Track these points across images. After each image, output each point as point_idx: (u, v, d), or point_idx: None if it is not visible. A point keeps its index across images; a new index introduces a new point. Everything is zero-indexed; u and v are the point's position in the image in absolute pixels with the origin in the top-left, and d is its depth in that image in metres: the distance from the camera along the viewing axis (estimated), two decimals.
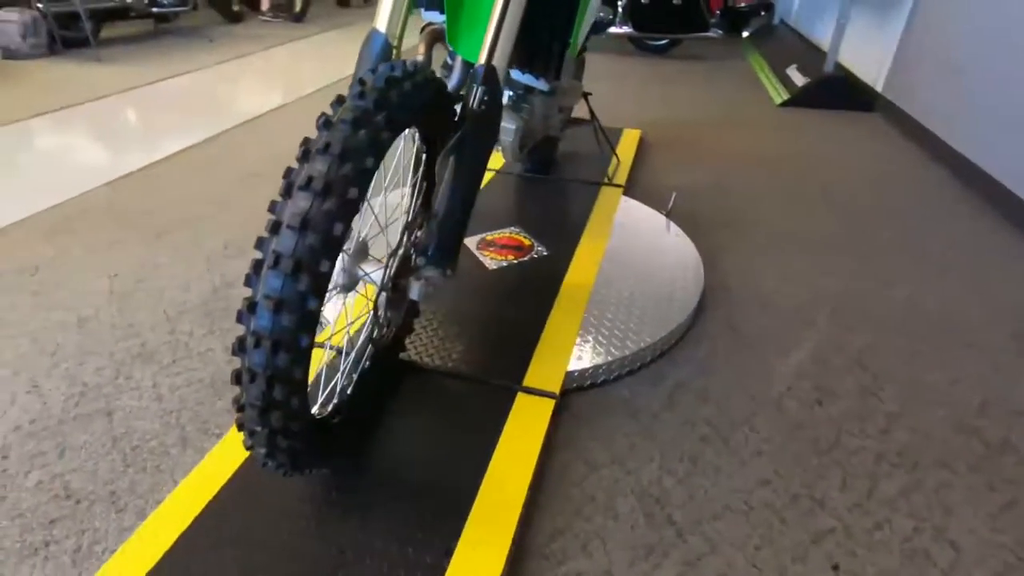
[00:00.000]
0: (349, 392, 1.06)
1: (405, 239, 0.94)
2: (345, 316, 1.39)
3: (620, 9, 4.47)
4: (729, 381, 1.36)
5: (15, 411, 1.28)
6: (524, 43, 1.24)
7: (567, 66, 1.58)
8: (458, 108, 0.94)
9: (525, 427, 1.15)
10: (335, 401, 1.02)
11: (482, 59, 0.94)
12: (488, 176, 2.23)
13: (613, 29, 4.58)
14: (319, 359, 1.21)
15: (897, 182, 2.47)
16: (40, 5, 4.35)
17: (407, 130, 0.91)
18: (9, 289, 1.70)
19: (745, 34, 5.43)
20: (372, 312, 0.89)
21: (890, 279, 1.78)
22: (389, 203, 1.07)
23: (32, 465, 1.15)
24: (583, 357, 1.32)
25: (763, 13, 5.44)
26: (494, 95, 0.92)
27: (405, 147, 1.05)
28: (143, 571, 0.87)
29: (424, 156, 0.95)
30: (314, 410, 0.96)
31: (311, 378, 1.12)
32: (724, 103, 3.52)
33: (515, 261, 1.69)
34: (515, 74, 1.30)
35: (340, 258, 0.92)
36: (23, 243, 1.94)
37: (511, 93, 1.32)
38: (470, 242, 1.78)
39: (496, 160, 2.21)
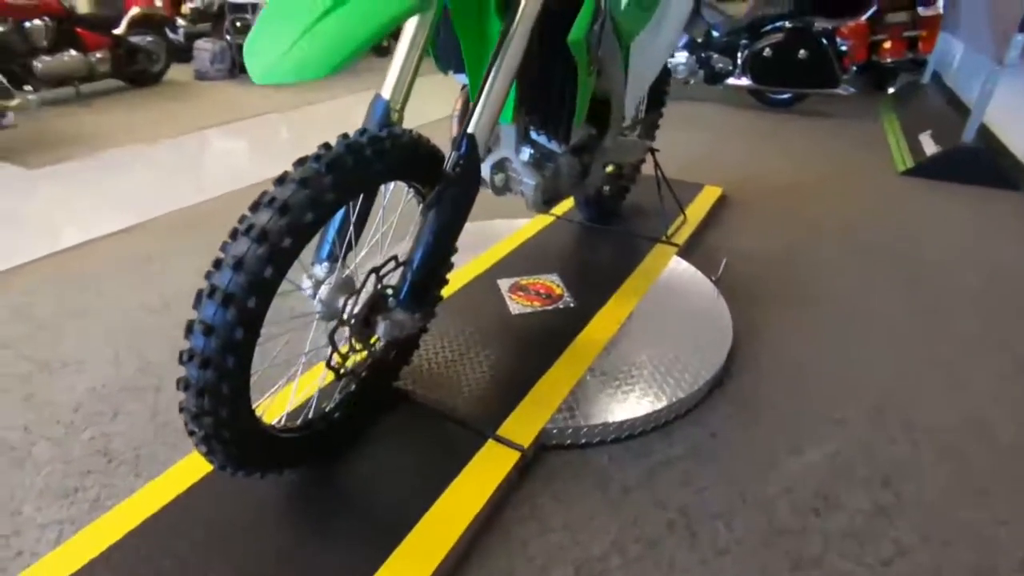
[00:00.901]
0: (328, 410, 1.17)
1: (372, 280, 1.04)
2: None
3: (739, 60, 4.34)
4: (722, 469, 1.28)
5: (97, 374, 1.56)
6: (539, 105, 1.30)
7: (613, 131, 1.61)
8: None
9: (483, 474, 1.18)
10: (309, 416, 1.14)
11: (468, 126, 1.02)
12: (547, 221, 2.29)
13: (731, 80, 4.44)
14: (313, 378, 1.32)
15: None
16: (228, 37, 5.23)
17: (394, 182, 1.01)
18: (123, 272, 2.07)
19: (890, 90, 4.97)
20: (328, 342, 0.99)
21: (962, 385, 1.55)
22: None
23: (90, 422, 1.40)
24: (569, 415, 1.32)
25: (912, 69, 4.95)
26: (470, 161, 0.99)
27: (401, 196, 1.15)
28: (82, 562, 0.99)
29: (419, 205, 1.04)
30: (277, 421, 1.08)
31: (300, 394, 1.25)
32: (836, 165, 3.26)
33: (539, 308, 1.73)
34: (533, 133, 1.36)
35: (321, 289, 1.04)
36: (158, 234, 2.35)
37: (532, 151, 1.38)
38: (504, 284, 1.85)
39: (562, 206, 2.26)
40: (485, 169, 1.46)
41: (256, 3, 5.18)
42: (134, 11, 4.60)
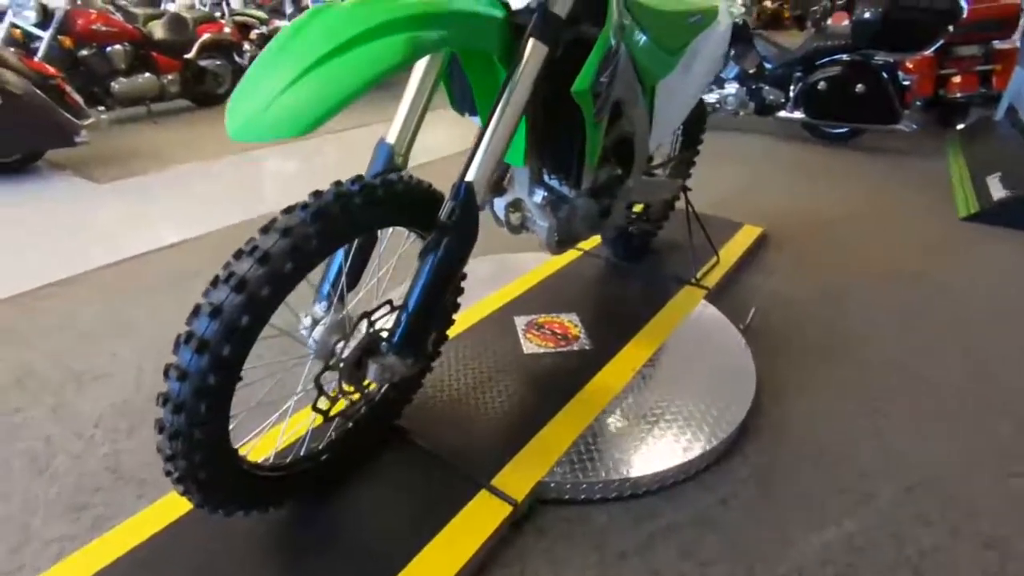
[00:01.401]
0: (317, 450, 1.16)
1: (365, 324, 1.03)
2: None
3: (792, 93, 4.19)
4: (729, 541, 1.19)
5: (122, 389, 1.62)
6: (549, 150, 1.28)
7: (637, 171, 1.57)
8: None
9: (472, 526, 1.14)
10: (300, 455, 1.14)
11: (467, 174, 1.00)
12: (572, 255, 2.26)
13: (783, 113, 4.30)
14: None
15: None
16: None
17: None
18: (170, 287, 2.16)
19: (958, 127, 4.68)
20: (315, 384, 0.98)
21: (1017, 471, 1.39)
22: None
23: (108, 438, 1.45)
24: (570, 469, 1.27)
25: (984, 104, 4.65)
26: (466, 210, 0.97)
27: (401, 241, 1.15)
28: None
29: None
30: (266, 459, 1.08)
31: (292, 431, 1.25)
32: (891, 207, 3.08)
33: (553, 350, 1.69)
34: (546, 176, 1.34)
35: (316, 329, 1.04)
36: (210, 250, 2.46)
37: (545, 193, 1.36)
38: (520, 321, 1.82)
39: (589, 240, 2.22)
40: (500, 208, 1.45)
41: None
42: (205, 37, 4.90)
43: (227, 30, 5.08)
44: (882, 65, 3.87)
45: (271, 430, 1.26)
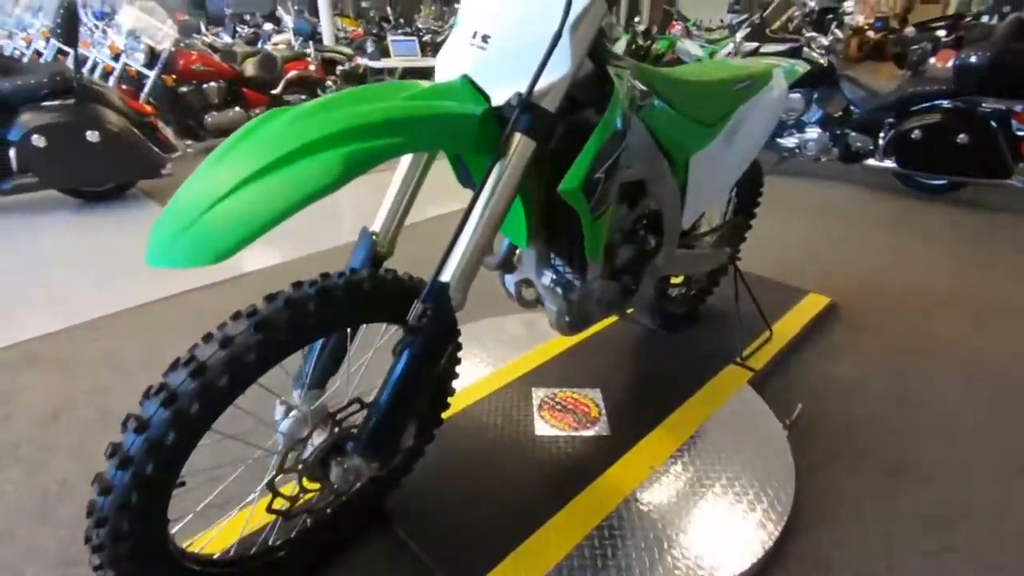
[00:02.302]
0: (275, 546, 1.10)
1: (331, 423, 0.97)
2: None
3: (882, 140, 3.83)
4: None
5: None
6: (551, 236, 1.17)
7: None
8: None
9: None
10: (259, 548, 1.08)
11: (444, 273, 0.93)
12: (608, 319, 2.12)
13: (872, 162, 3.93)
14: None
15: None
16: None
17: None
18: (216, 324, 2.24)
19: None
20: (268, 487, 0.93)
21: None
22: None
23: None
24: None
25: None
26: (439, 313, 0.90)
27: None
28: None
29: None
30: (225, 551, 1.04)
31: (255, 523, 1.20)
32: (996, 280, 2.69)
33: (566, 433, 1.56)
34: (554, 258, 1.24)
35: (283, 422, 1.00)
36: (262, 286, 2.55)
37: (553, 275, 1.25)
38: (539, 394, 1.72)
39: None
40: (511, 284, 1.37)
41: (395, 68, 5.65)
42: (291, 74, 5.23)
43: (312, 67, 5.40)
44: (991, 113, 3.45)
45: (235, 517, 1.22)
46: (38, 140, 3.08)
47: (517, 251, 1.31)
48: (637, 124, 1.10)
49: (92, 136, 3.18)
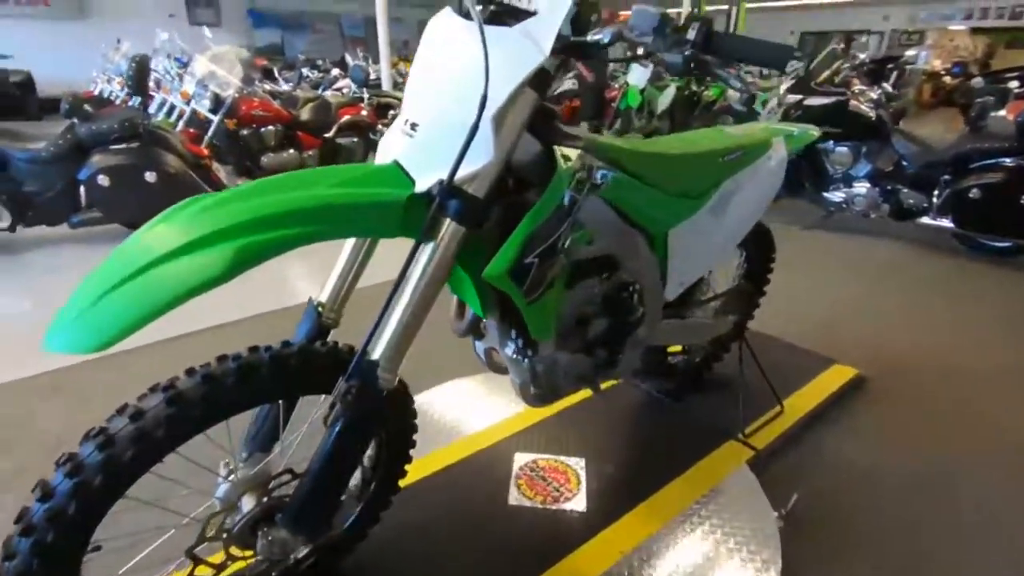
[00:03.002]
0: None
1: (262, 491, 0.97)
2: None
3: (937, 197, 3.59)
4: None
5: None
6: (501, 310, 1.15)
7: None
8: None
9: None
10: None
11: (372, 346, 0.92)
12: (609, 383, 2.05)
13: (926, 220, 3.69)
14: None
15: None
16: None
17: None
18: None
19: None
20: (188, 556, 0.93)
21: None
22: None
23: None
24: None
25: None
26: (364, 392, 0.89)
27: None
28: None
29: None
30: None
31: None
32: None
33: (540, 506, 1.50)
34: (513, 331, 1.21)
35: (219, 487, 1.01)
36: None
37: (515, 346, 1.23)
38: (520, 459, 1.67)
39: None
40: (480, 350, 1.35)
41: None
42: (344, 118, 5.53)
43: (364, 112, 5.68)
44: None
45: None
46: (103, 180, 3.37)
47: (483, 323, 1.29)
48: (595, 202, 1.08)
49: (150, 176, 3.46)
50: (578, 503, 1.51)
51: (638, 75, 5.94)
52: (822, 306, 2.88)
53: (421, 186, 0.89)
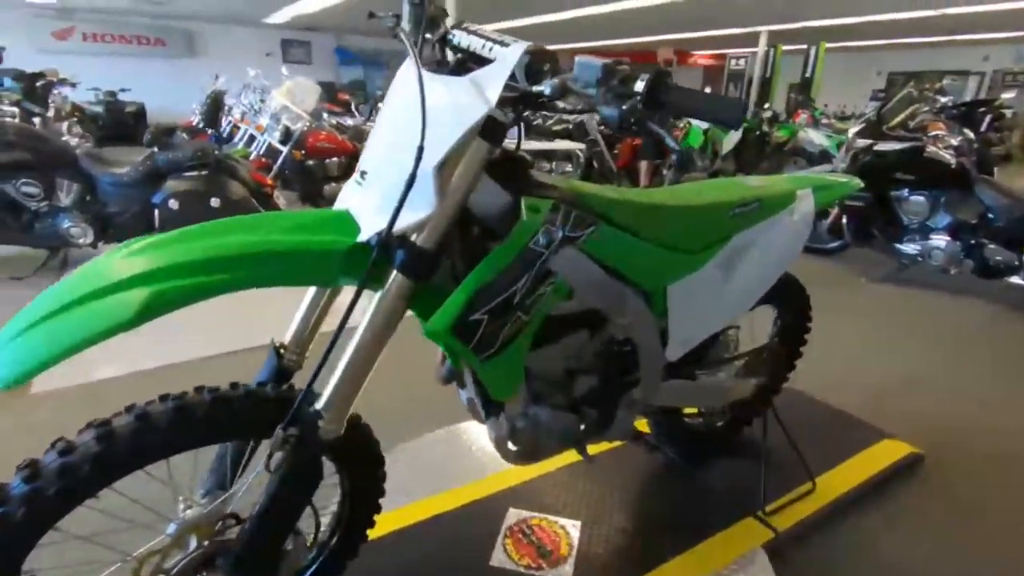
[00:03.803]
0: None
1: (203, 536, 0.95)
2: None
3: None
4: None
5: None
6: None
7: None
8: None
9: None
10: None
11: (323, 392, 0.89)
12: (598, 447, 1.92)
13: (1016, 280, 3.30)
14: None
15: None
16: None
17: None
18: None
19: None
20: None
21: None
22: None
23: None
24: None
25: None
26: (303, 442, 0.86)
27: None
28: None
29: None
30: None
31: None
32: None
33: (523, 570, 1.40)
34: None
35: (170, 525, 1.00)
36: None
37: (482, 399, 1.16)
38: (514, 515, 1.58)
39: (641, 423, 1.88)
40: (464, 399, 1.30)
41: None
42: None
43: None
44: None
45: None
46: (173, 204, 3.64)
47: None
48: (571, 254, 1.01)
49: (215, 202, 3.70)
50: (565, 571, 1.40)
51: None
52: (883, 370, 2.60)
53: (364, 234, 0.87)
